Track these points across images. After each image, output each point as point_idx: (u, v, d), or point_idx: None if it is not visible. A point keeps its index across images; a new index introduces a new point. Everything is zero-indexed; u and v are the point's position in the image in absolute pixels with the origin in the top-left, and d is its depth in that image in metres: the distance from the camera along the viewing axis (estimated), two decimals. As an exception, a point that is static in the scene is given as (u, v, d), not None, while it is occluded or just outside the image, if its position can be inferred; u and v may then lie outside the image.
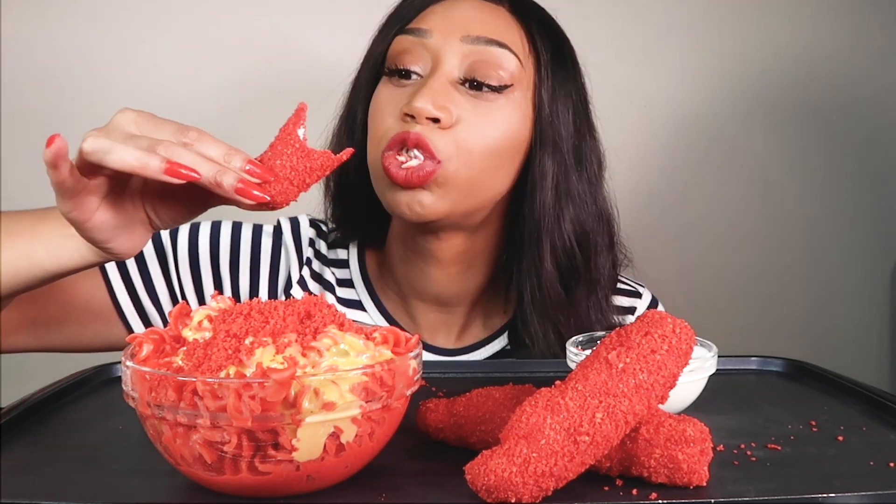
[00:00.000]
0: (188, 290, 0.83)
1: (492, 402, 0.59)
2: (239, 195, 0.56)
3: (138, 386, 0.50)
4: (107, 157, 0.54)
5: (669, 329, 0.54)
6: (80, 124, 1.21)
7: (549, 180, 0.74)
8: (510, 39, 0.74)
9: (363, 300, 0.84)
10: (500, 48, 0.72)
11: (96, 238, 0.59)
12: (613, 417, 0.50)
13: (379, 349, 0.54)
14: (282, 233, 0.87)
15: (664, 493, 0.50)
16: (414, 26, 0.74)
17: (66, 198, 0.56)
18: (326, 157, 0.60)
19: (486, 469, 0.48)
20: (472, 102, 0.72)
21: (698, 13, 1.28)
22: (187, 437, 0.49)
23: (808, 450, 0.59)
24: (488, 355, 0.83)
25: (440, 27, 0.73)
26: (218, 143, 0.58)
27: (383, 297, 0.84)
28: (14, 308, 0.75)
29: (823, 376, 0.77)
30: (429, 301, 0.81)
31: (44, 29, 1.20)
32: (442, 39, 0.72)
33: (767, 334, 1.33)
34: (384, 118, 0.73)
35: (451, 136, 0.70)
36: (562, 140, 0.75)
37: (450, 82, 0.72)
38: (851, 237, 1.33)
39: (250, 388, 0.47)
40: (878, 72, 1.30)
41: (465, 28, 0.72)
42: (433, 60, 0.72)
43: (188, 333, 0.54)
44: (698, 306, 1.32)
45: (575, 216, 0.76)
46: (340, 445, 0.50)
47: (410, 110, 0.70)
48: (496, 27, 0.74)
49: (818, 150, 1.31)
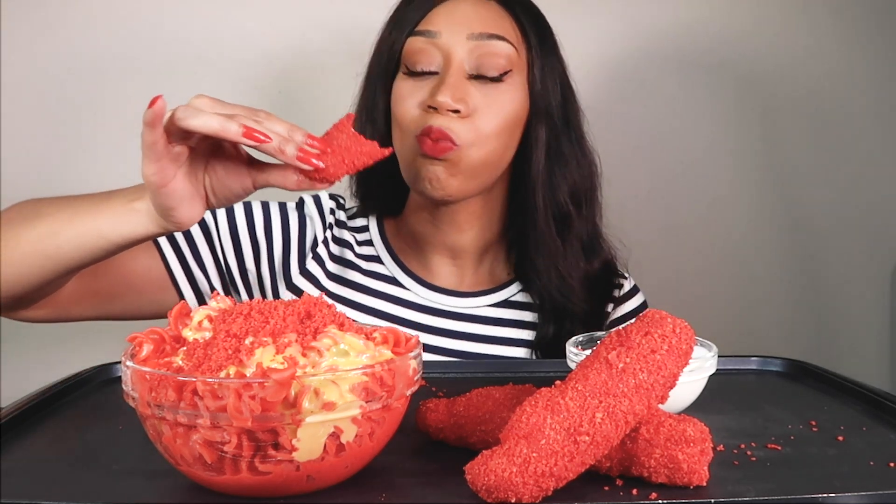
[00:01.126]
0: (230, 257, 0.93)
1: (492, 402, 0.59)
2: (299, 161, 0.65)
3: (138, 386, 0.50)
4: (195, 120, 0.63)
5: (669, 329, 0.54)
6: (80, 124, 1.22)
7: (541, 144, 0.88)
8: (505, 30, 0.86)
9: (381, 254, 0.96)
10: (499, 40, 0.84)
11: (166, 203, 0.67)
12: (613, 417, 0.50)
13: (379, 349, 0.54)
14: (304, 203, 0.98)
15: (664, 493, 0.50)
16: (424, 28, 0.85)
17: (152, 160, 0.65)
18: (374, 146, 0.69)
19: (486, 469, 0.48)
20: (482, 92, 0.84)
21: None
22: (187, 437, 0.49)
23: (808, 450, 0.59)
24: (493, 302, 0.94)
25: (447, 27, 0.84)
26: (282, 121, 0.67)
27: (399, 252, 0.96)
28: (78, 281, 0.84)
29: (823, 376, 0.77)
30: (443, 253, 0.94)
31: (44, 29, 1.20)
32: (451, 38, 0.84)
33: (767, 334, 1.33)
34: (409, 110, 0.85)
35: (469, 123, 0.83)
36: (552, 109, 0.88)
37: (462, 76, 0.84)
38: (851, 237, 1.33)
39: (250, 388, 0.47)
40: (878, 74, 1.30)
41: (468, 26, 0.84)
42: (444, 58, 0.84)
43: (188, 333, 0.54)
44: (698, 306, 1.32)
45: (566, 173, 0.89)
46: (340, 445, 0.50)
47: (434, 103, 0.82)
48: (493, 21, 0.85)
49: (818, 150, 1.31)
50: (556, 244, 0.89)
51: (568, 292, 0.90)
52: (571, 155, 0.90)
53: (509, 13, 0.87)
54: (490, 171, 0.86)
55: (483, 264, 0.95)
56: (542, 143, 0.88)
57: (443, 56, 0.84)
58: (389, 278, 0.94)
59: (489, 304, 0.94)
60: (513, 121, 0.86)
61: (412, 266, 0.94)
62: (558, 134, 0.89)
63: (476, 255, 0.94)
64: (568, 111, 0.90)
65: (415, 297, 0.93)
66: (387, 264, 0.95)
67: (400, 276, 0.94)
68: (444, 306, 0.93)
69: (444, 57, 0.84)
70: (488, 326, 0.92)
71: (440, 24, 0.84)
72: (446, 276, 0.94)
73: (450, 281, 0.94)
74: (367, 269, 0.94)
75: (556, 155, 0.89)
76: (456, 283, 0.94)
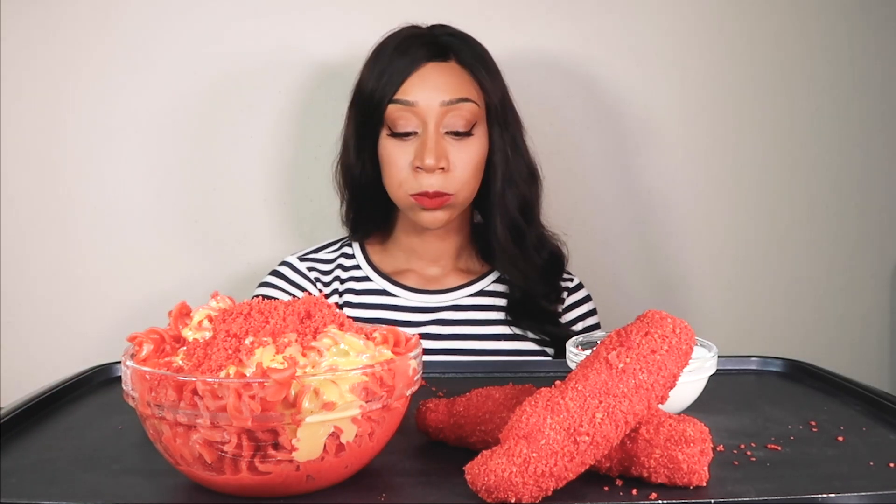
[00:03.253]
0: None
1: (492, 402, 0.59)
2: None
3: (138, 386, 0.50)
4: None
5: (669, 329, 0.54)
6: (81, 124, 1.22)
7: (499, 173, 1.04)
8: (469, 92, 1.01)
9: (368, 274, 1.09)
10: (466, 102, 1.00)
11: None
12: (613, 417, 0.50)
13: (379, 349, 0.54)
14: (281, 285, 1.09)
15: (664, 494, 0.50)
16: (402, 97, 0.99)
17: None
18: None
19: (485, 469, 0.48)
20: (456, 146, 1.01)
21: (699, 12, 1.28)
22: (187, 437, 0.49)
23: (807, 450, 0.59)
24: (471, 293, 1.09)
25: (422, 96, 0.99)
26: None
27: (385, 268, 1.10)
28: None
29: (823, 376, 0.77)
30: (429, 259, 1.10)
31: (44, 28, 1.20)
32: (426, 105, 0.99)
33: (767, 334, 1.33)
34: (399, 171, 1.01)
35: (452, 175, 1.00)
36: (505, 140, 1.05)
37: (439, 136, 1.00)
38: (851, 237, 1.33)
39: (250, 387, 0.47)
40: (878, 73, 1.30)
41: (440, 94, 0.99)
42: (422, 122, 1.00)
43: (188, 333, 0.54)
44: (698, 306, 1.32)
45: (516, 190, 1.06)
46: (340, 445, 0.50)
47: (423, 166, 0.98)
48: (459, 86, 1.01)
49: (818, 150, 1.31)
50: (513, 249, 1.06)
51: (527, 282, 1.07)
52: (519, 173, 1.06)
53: (468, 72, 1.02)
54: (467, 202, 1.05)
55: (460, 262, 1.11)
56: (500, 172, 1.04)
57: (420, 121, 0.99)
58: (379, 291, 1.08)
59: (468, 295, 1.08)
60: (480, 164, 1.03)
61: (398, 277, 1.09)
62: (509, 160, 1.05)
63: (454, 256, 1.11)
64: (515, 136, 1.07)
65: (403, 301, 1.07)
66: (375, 280, 1.08)
67: (388, 287, 1.08)
68: (429, 303, 1.07)
69: (422, 121, 0.99)
70: (468, 312, 1.07)
71: (416, 94, 0.99)
72: (432, 277, 1.10)
73: (435, 280, 1.09)
74: (360, 289, 1.08)
75: (508, 178, 1.05)
76: (440, 281, 1.10)
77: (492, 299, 1.08)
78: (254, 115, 1.24)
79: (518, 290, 1.08)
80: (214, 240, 1.26)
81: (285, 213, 1.27)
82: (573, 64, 1.28)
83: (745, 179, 1.31)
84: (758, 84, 1.30)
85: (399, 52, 1.01)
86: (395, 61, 1.01)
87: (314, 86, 1.24)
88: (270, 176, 1.26)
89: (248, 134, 1.25)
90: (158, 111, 1.22)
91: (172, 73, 1.22)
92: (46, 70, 1.21)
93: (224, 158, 1.25)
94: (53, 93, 1.21)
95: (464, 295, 1.08)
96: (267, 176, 1.26)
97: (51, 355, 1.23)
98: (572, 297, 1.11)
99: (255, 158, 1.25)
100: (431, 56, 1.01)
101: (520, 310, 1.07)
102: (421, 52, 1.00)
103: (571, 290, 1.11)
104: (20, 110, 1.21)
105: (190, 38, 1.22)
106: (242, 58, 1.23)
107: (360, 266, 1.10)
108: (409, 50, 1.01)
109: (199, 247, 1.25)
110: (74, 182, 1.23)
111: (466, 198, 1.03)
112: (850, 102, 1.31)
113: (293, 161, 1.25)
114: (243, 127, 1.25)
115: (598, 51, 1.27)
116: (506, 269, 1.07)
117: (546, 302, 1.07)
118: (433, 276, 1.10)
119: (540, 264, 1.08)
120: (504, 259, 1.06)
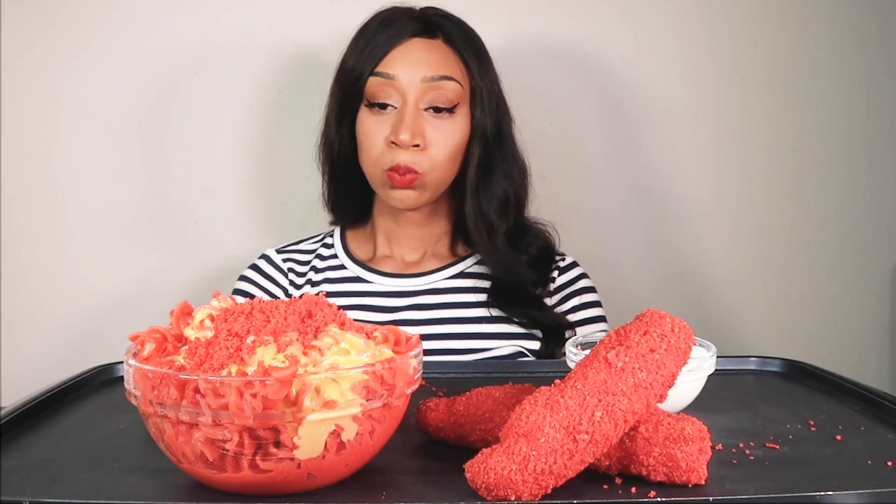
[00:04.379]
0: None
1: (491, 401, 0.60)
2: None
3: (140, 384, 0.51)
4: None
5: (668, 328, 0.54)
6: (81, 124, 1.22)
7: (474, 160, 1.01)
8: (453, 70, 0.99)
9: (343, 262, 1.08)
10: (448, 80, 0.98)
11: None
12: (612, 416, 0.50)
13: (380, 348, 0.55)
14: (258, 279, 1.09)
15: (663, 492, 0.50)
16: (382, 70, 0.97)
17: None
18: None
19: (485, 467, 0.48)
20: (434, 125, 0.98)
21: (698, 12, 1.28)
22: (189, 435, 0.49)
23: (806, 449, 0.59)
24: (451, 275, 1.06)
25: (403, 70, 0.97)
26: None
27: (362, 255, 1.09)
28: None
29: (822, 376, 0.77)
30: (407, 243, 1.08)
31: (44, 28, 1.20)
32: (406, 80, 0.97)
33: (767, 334, 1.33)
34: (375, 145, 0.98)
35: (426, 154, 0.98)
36: (488, 130, 1.02)
37: (418, 113, 0.97)
38: (851, 237, 1.33)
39: (252, 386, 0.47)
40: (878, 73, 1.30)
41: (421, 70, 0.97)
42: (401, 97, 0.97)
43: (190, 332, 0.54)
44: (697, 306, 1.32)
45: (495, 182, 1.03)
46: (341, 444, 0.51)
47: (397, 141, 0.96)
48: (442, 64, 0.98)
49: (818, 149, 1.31)
50: (485, 241, 1.03)
51: (511, 273, 1.03)
52: (500, 165, 1.03)
53: (454, 51, 1.00)
54: (442, 185, 1.02)
55: (440, 245, 1.08)
56: (475, 159, 1.01)
57: (400, 95, 0.97)
58: (353, 278, 1.06)
59: (447, 277, 1.06)
60: (459, 146, 1.00)
61: (374, 264, 1.07)
62: (490, 150, 1.02)
63: (433, 240, 1.08)
64: (501, 126, 1.04)
65: (378, 287, 1.04)
66: (350, 268, 1.07)
67: (362, 273, 1.06)
68: (406, 287, 1.04)
69: (401, 96, 0.97)
70: (446, 295, 1.04)
71: (397, 68, 0.97)
72: (411, 262, 1.07)
73: (413, 265, 1.07)
74: (335, 277, 1.06)
75: (486, 168, 1.03)
76: (418, 265, 1.07)
77: (473, 281, 1.05)
78: (254, 114, 1.24)
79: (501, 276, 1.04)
80: (214, 239, 1.26)
81: (285, 214, 1.27)
82: (576, 56, 1.27)
83: (746, 177, 1.31)
84: (760, 82, 1.30)
85: (384, 26, 0.99)
86: (378, 34, 0.98)
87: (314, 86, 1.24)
88: (265, 173, 1.26)
89: (248, 134, 1.25)
90: (157, 111, 1.23)
91: (173, 73, 1.22)
92: (47, 68, 1.21)
93: (224, 158, 1.25)
94: (45, 89, 1.21)
95: (442, 277, 1.05)
96: (262, 173, 1.26)
97: (51, 355, 1.24)
98: (564, 276, 1.07)
99: (252, 156, 1.26)
100: (417, 32, 0.98)
101: (503, 293, 1.03)
102: (407, 27, 0.98)
103: (563, 270, 1.08)
104: (17, 111, 1.21)
105: (190, 39, 1.23)
106: (242, 58, 1.23)
107: (336, 255, 1.08)
108: (394, 24, 0.99)
109: (200, 246, 1.26)
110: (75, 181, 1.23)
111: (439, 179, 1.00)
112: (851, 102, 1.31)
113: (293, 162, 1.26)
114: (243, 127, 1.25)
115: (601, 43, 1.27)
116: (485, 260, 1.04)
117: (532, 286, 1.04)
118: (412, 261, 1.07)
119: (525, 259, 1.04)
120: (480, 248, 1.03)
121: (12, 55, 1.20)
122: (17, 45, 1.20)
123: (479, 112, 1.01)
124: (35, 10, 1.20)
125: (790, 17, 1.29)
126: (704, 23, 1.28)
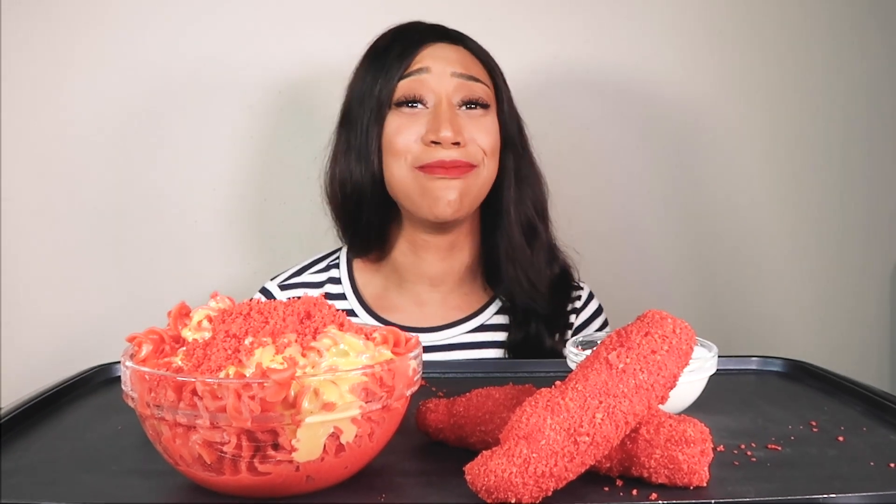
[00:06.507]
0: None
1: (492, 402, 0.59)
2: None
3: (138, 386, 0.50)
4: None
5: (669, 329, 0.54)
6: (81, 124, 1.21)
7: (510, 170, 0.97)
8: (480, 74, 0.95)
9: (354, 308, 1.00)
10: (477, 82, 0.94)
11: None
12: (613, 418, 0.50)
13: (379, 349, 0.54)
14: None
15: (664, 494, 0.50)
16: (414, 68, 0.92)
17: None
18: None
19: (486, 469, 0.48)
20: (470, 122, 0.92)
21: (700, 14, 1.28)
22: (187, 438, 0.49)
23: (808, 450, 0.59)
24: (471, 329, 0.99)
25: (434, 66, 0.92)
26: None
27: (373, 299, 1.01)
28: None
29: (823, 376, 0.77)
30: (425, 283, 0.99)
31: (44, 28, 1.20)
32: (439, 75, 0.92)
33: (767, 334, 1.33)
34: (407, 142, 0.91)
35: (469, 150, 0.91)
36: (515, 138, 0.98)
37: (453, 108, 0.92)
38: (851, 237, 1.33)
39: (250, 388, 0.47)
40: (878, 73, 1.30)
41: (452, 66, 0.93)
42: (435, 93, 0.92)
43: (187, 333, 0.54)
44: (698, 306, 1.32)
45: (528, 192, 0.99)
46: (340, 446, 0.50)
47: (438, 138, 0.89)
48: (471, 65, 0.95)
49: (818, 150, 1.31)
50: (526, 254, 0.97)
51: (535, 296, 0.98)
52: (529, 176, 1.00)
53: (479, 60, 0.97)
54: (485, 191, 0.95)
55: (462, 289, 1.01)
56: (511, 169, 0.97)
57: (433, 92, 0.92)
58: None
59: (466, 332, 0.99)
60: (497, 146, 0.95)
61: (387, 313, 0.99)
62: (520, 159, 0.99)
63: (455, 281, 1.01)
64: (523, 139, 1.01)
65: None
66: (361, 316, 0.99)
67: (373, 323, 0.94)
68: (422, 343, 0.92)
69: (435, 93, 0.92)
70: (465, 351, 0.98)
71: (428, 63, 0.92)
72: (427, 309, 0.99)
73: (430, 314, 0.99)
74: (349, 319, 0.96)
75: (520, 178, 0.99)
76: (435, 314, 0.99)
77: (491, 334, 0.99)
78: (254, 115, 1.24)
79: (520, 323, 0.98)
80: (214, 239, 1.26)
81: (285, 213, 1.27)
82: (576, 65, 1.27)
83: (746, 180, 1.31)
84: (760, 85, 1.30)
85: (401, 36, 0.95)
86: (396, 43, 0.94)
87: (314, 86, 1.24)
88: (265, 173, 1.26)
89: (248, 134, 1.25)
90: (158, 111, 1.22)
91: (173, 73, 1.22)
92: (47, 68, 1.21)
93: (224, 158, 1.25)
94: (45, 89, 1.21)
95: (461, 332, 0.98)
96: (263, 173, 1.26)
97: (51, 355, 1.23)
98: (587, 311, 1.03)
99: (251, 156, 1.25)
100: (440, 37, 0.95)
101: (521, 348, 0.97)
102: (429, 33, 0.95)
103: (580, 310, 1.03)
104: (17, 110, 1.21)
105: (189, 40, 1.22)
106: (242, 58, 1.23)
107: (345, 295, 1.01)
108: (412, 33, 0.95)
109: (199, 246, 1.26)
110: (70, 182, 1.23)
111: (486, 180, 0.93)
112: (852, 102, 1.31)
113: (293, 162, 1.25)
114: (243, 127, 1.24)
115: (601, 51, 1.27)
116: (513, 285, 0.97)
117: (549, 337, 0.97)
118: (429, 306, 0.99)
119: (548, 277, 1.00)
120: (513, 270, 0.96)
121: (12, 55, 1.20)
122: (17, 45, 1.20)
123: (508, 118, 0.97)
124: (35, 10, 1.20)
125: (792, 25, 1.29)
126: (705, 23, 1.28)
